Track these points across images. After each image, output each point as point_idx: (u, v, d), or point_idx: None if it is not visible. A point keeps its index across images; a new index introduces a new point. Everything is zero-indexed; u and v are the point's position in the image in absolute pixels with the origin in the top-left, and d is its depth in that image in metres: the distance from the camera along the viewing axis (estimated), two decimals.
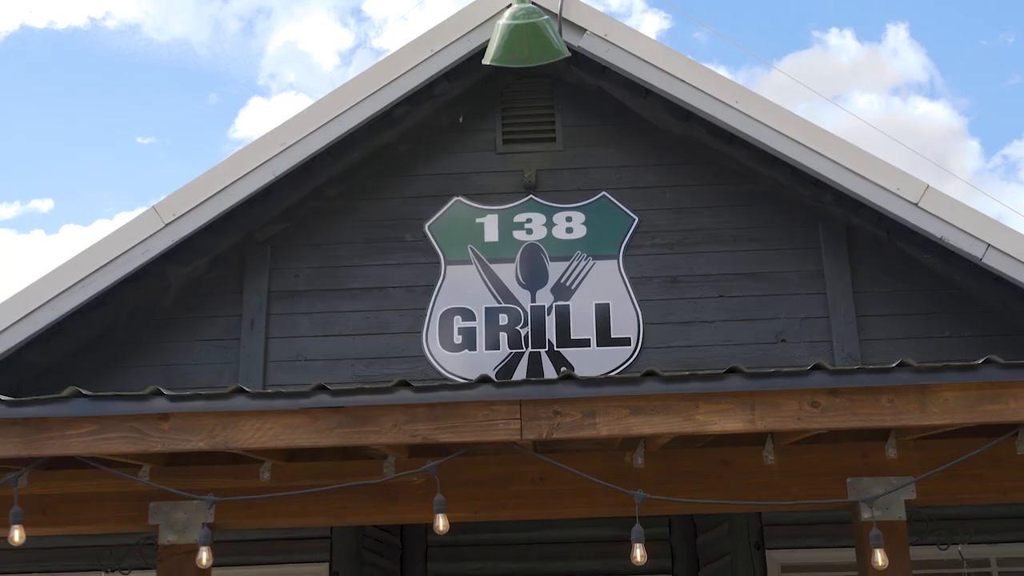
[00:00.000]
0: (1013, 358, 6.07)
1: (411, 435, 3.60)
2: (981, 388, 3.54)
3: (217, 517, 4.11)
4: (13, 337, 6.19)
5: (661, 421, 3.56)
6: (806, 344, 6.44)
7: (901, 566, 4.00)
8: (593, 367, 6.38)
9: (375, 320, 6.56)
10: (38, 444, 3.62)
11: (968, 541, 5.86)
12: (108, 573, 5.73)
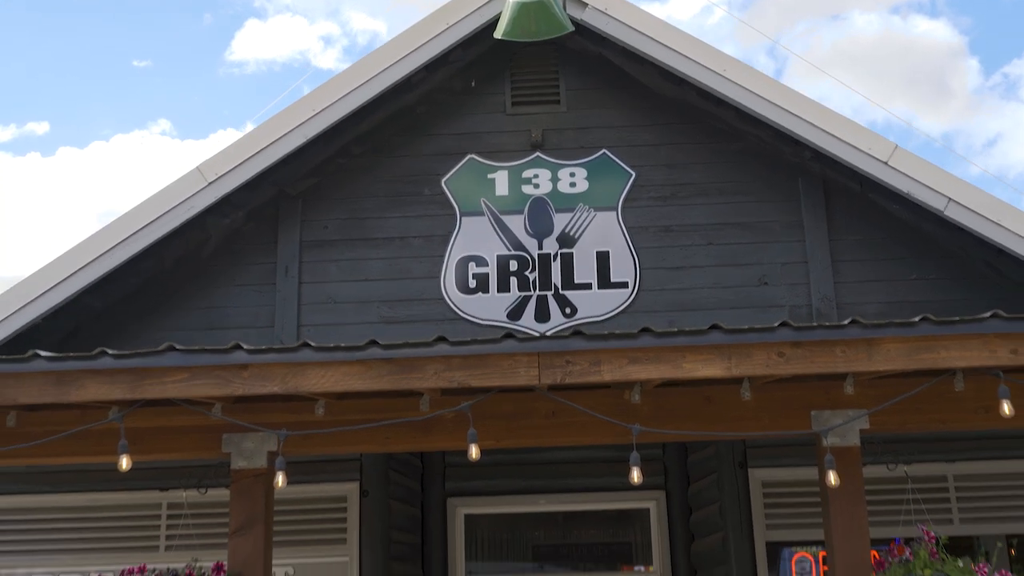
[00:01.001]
0: (972, 298, 6.94)
1: (448, 381, 4.41)
2: (918, 341, 4.34)
3: (280, 446, 4.92)
4: (73, 285, 6.96)
5: (654, 368, 4.37)
6: (786, 287, 7.23)
7: (854, 483, 4.84)
8: (595, 308, 7.19)
9: (397, 266, 7.32)
10: (140, 389, 4.43)
11: (915, 461, 6.73)
12: (187, 491, 6.58)
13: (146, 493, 7.06)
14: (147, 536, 7.09)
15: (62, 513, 7.15)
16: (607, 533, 8.10)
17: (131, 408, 4.54)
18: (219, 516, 6.52)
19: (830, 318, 7.04)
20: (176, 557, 6.54)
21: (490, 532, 7.98)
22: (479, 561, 7.88)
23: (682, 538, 7.70)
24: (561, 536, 8.05)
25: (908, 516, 5.98)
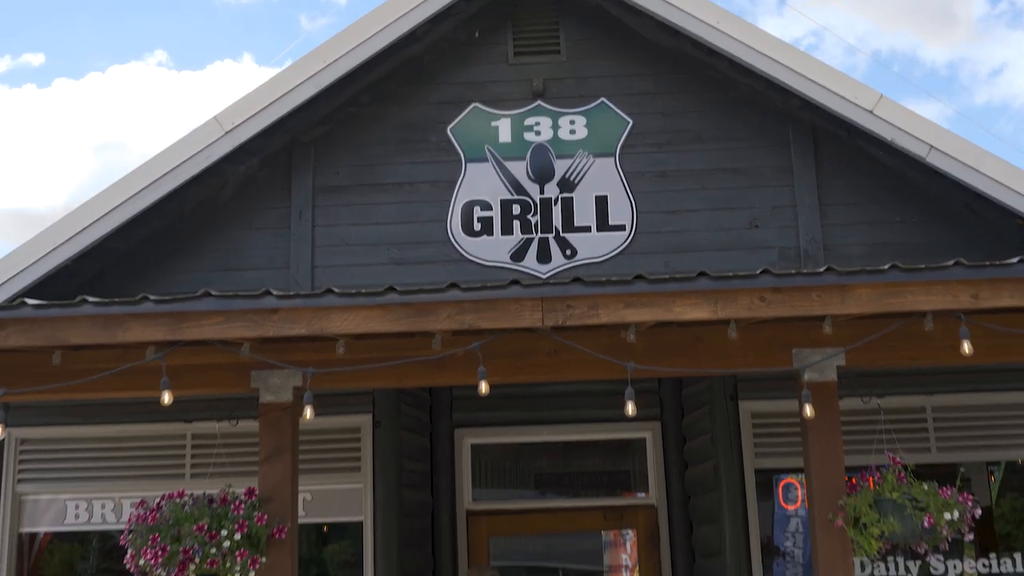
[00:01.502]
0: (953, 239, 7.40)
1: (460, 323, 4.89)
2: (887, 287, 4.81)
3: (304, 382, 5.41)
4: (99, 230, 7.42)
5: (647, 312, 4.85)
6: (776, 229, 7.69)
7: (831, 415, 5.35)
8: (594, 250, 7.66)
9: (406, 210, 7.77)
10: (180, 331, 4.91)
11: (896, 394, 7.25)
12: (220, 422, 7.11)
13: (172, 425, 7.57)
14: (173, 465, 7.63)
15: (93, 443, 7.67)
16: (606, 462, 8.65)
17: (171, 348, 5.02)
18: (242, 446, 7.06)
19: (817, 259, 7.51)
20: (200, 485, 7.01)
21: (495, 461, 8.53)
22: (484, 488, 8.43)
23: (676, 466, 8.24)
24: (562, 465, 8.61)
25: (884, 445, 6.49)
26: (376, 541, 7.42)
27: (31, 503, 7.68)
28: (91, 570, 8.38)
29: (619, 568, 8.52)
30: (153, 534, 5.10)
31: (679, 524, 8.13)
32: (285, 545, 5.28)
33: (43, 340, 4.92)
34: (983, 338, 5.02)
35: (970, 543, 7.51)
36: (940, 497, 5.10)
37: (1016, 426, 7.58)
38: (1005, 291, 4.79)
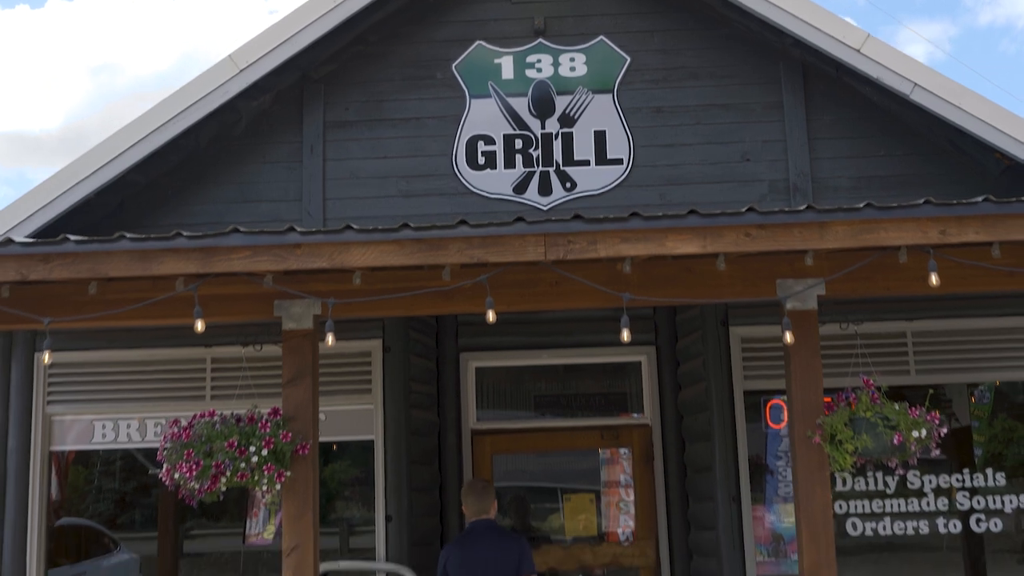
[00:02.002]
0: (936, 172, 7.84)
1: (469, 257, 5.35)
2: (862, 223, 5.26)
3: (323, 311, 5.87)
4: (121, 164, 7.86)
5: (642, 246, 5.30)
6: (767, 163, 8.12)
7: (811, 341, 5.83)
8: (593, 182, 8.10)
9: (413, 145, 8.19)
10: (210, 264, 5.36)
11: (878, 320, 7.74)
12: (245, 347, 7.60)
13: (192, 349, 8.07)
14: (194, 387, 8.15)
15: (117, 367, 8.17)
16: (603, 384, 9.17)
17: (201, 280, 5.48)
18: (261, 369, 7.57)
19: (806, 192, 7.96)
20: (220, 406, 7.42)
21: (498, 383, 9.05)
22: (488, 409, 8.96)
23: (670, 388, 8.76)
24: (562, 387, 9.13)
25: (864, 368, 7.00)
26: (386, 458, 7.98)
27: (60, 423, 8.21)
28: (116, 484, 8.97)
29: (616, 484, 9.06)
30: (187, 450, 5.60)
31: (672, 442, 8.68)
32: (307, 461, 5.79)
33: (85, 273, 5.37)
34: (951, 269, 5.49)
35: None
36: (910, 416, 5.60)
37: (993, 350, 8.09)
38: (971, 227, 5.24)
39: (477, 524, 6.75)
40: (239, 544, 8.57)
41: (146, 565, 8.94)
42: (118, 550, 9.05)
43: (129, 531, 9.04)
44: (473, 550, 6.62)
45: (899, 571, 8.02)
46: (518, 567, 6.57)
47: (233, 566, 8.68)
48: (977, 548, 8.09)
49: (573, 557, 8.89)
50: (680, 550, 8.52)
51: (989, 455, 8.22)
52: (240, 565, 8.65)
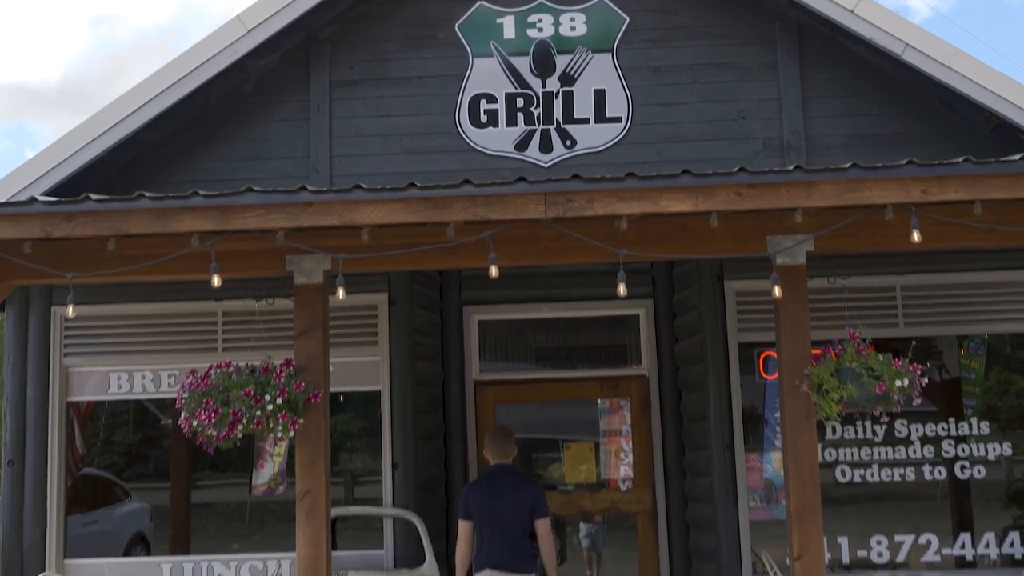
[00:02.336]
0: (926, 130, 8.10)
1: (472, 215, 5.64)
2: (847, 183, 5.54)
3: (332, 266, 6.18)
4: (134, 122, 8.13)
5: (637, 205, 5.59)
6: (762, 121, 8.38)
7: (800, 295, 6.13)
8: (592, 140, 8.38)
9: (417, 103, 8.45)
10: (226, 221, 5.65)
11: (868, 274, 8.05)
12: (258, 300, 7.91)
13: (203, 303, 8.38)
14: (206, 339, 8.48)
15: (131, 320, 8.48)
16: (602, 336, 9.50)
17: (218, 237, 5.78)
18: (271, 323, 7.92)
19: (799, 149, 8.22)
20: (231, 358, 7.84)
21: (500, 335, 9.38)
22: (491, 361, 9.29)
23: (667, 340, 9.08)
24: (562, 339, 9.47)
25: (854, 321, 7.32)
26: (393, 408, 8.32)
27: (77, 375, 8.54)
28: (127, 436, 9.33)
29: (615, 433, 9.41)
30: (205, 399, 5.93)
31: (669, 393, 9.01)
32: (319, 409, 6.12)
33: (107, 230, 5.67)
34: (933, 227, 5.77)
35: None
36: (893, 367, 5.91)
37: (981, 303, 8.41)
38: (951, 187, 5.53)
39: (497, 468, 7.30)
40: (245, 495, 8.94)
41: (156, 514, 9.33)
42: (129, 499, 9.44)
43: (140, 481, 9.42)
44: (494, 491, 7.16)
45: (889, 518, 8.38)
46: (533, 509, 7.10)
47: (239, 516, 9.06)
48: (963, 495, 8.45)
49: (573, 503, 9.26)
50: (676, 496, 8.88)
51: (985, 407, 8.54)
52: (246, 515, 9.03)
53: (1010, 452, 8.36)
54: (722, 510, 8.19)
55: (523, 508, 7.11)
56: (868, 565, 8.22)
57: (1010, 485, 8.47)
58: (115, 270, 6.03)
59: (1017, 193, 5.56)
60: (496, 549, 7.07)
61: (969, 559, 8.25)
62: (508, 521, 7.09)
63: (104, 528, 9.23)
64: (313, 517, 6.06)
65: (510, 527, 7.08)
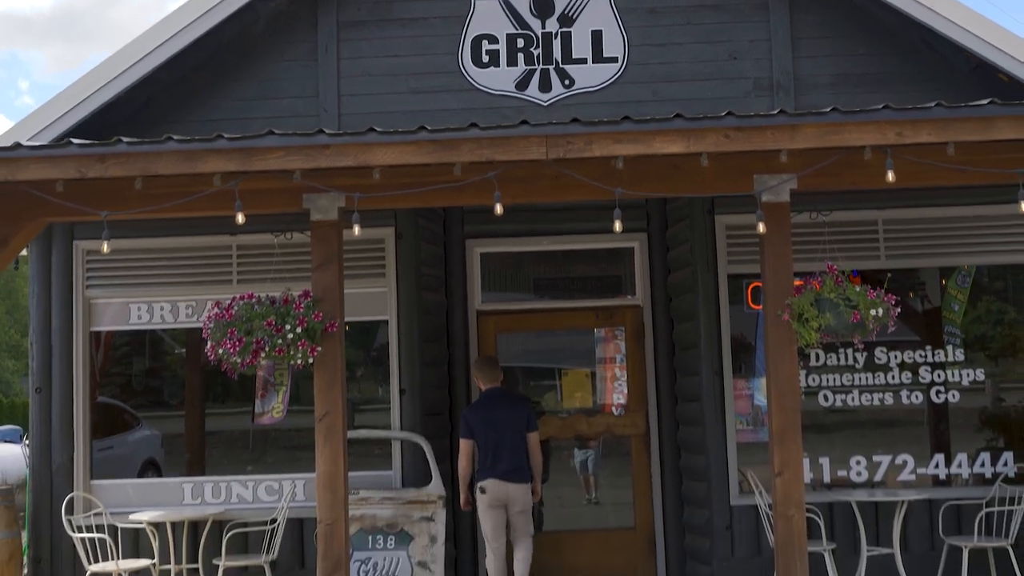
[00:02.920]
0: (909, 70, 8.53)
1: (478, 156, 6.10)
2: (828, 126, 5.99)
3: (347, 203, 6.64)
4: (149, 64, 8.52)
5: (632, 147, 6.04)
6: (752, 61, 8.79)
7: (783, 230, 6.60)
8: (590, 79, 8.79)
9: (421, 44, 8.85)
10: (248, 163, 6.11)
11: (851, 209, 8.54)
12: (276, 235, 8.38)
13: (219, 237, 8.87)
14: (222, 272, 8.98)
15: (150, 254, 8.97)
16: (598, 268, 10.00)
17: (240, 177, 6.24)
18: (284, 256, 8.40)
19: (788, 89, 8.65)
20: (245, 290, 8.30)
21: (501, 267, 9.87)
22: (492, 291, 9.79)
23: (660, 271, 9.57)
24: (561, 271, 9.96)
25: (836, 254, 7.82)
26: (400, 336, 8.86)
27: (98, 306, 9.05)
28: (142, 365, 9.85)
29: (610, 360, 9.94)
30: (230, 329, 6.42)
31: (661, 322, 9.53)
32: (336, 337, 6.62)
33: (137, 171, 6.13)
34: (908, 166, 6.23)
35: None
36: (868, 298, 6.40)
37: (959, 236, 8.92)
38: (924, 130, 5.99)
39: (492, 391, 8.37)
40: (248, 423, 9.49)
41: (165, 441, 9.87)
42: (140, 426, 9.98)
43: (150, 410, 9.96)
44: (493, 410, 8.25)
45: (868, 441, 8.95)
46: (527, 423, 8.24)
47: (243, 443, 9.62)
48: (940, 419, 9.01)
49: (570, 427, 9.81)
50: (668, 420, 9.44)
51: (973, 336, 9.07)
52: (249, 442, 9.59)
53: (983, 378, 8.91)
54: (711, 433, 8.76)
55: (520, 422, 8.24)
56: (848, 484, 8.81)
57: (984, 409, 9.03)
58: (144, 208, 6.49)
59: (986, 135, 6.02)
60: (501, 460, 8.10)
61: (943, 478, 8.85)
62: (508, 436, 8.15)
63: (118, 454, 9.76)
64: (331, 437, 6.59)
65: (510, 441, 8.16)
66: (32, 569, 8.83)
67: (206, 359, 8.80)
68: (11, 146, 6.23)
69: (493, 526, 8.18)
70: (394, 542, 8.32)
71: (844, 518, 8.53)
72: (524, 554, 8.23)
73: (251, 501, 8.86)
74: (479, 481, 8.15)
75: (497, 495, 8.12)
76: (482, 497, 8.18)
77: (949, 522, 8.51)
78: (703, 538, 8.88)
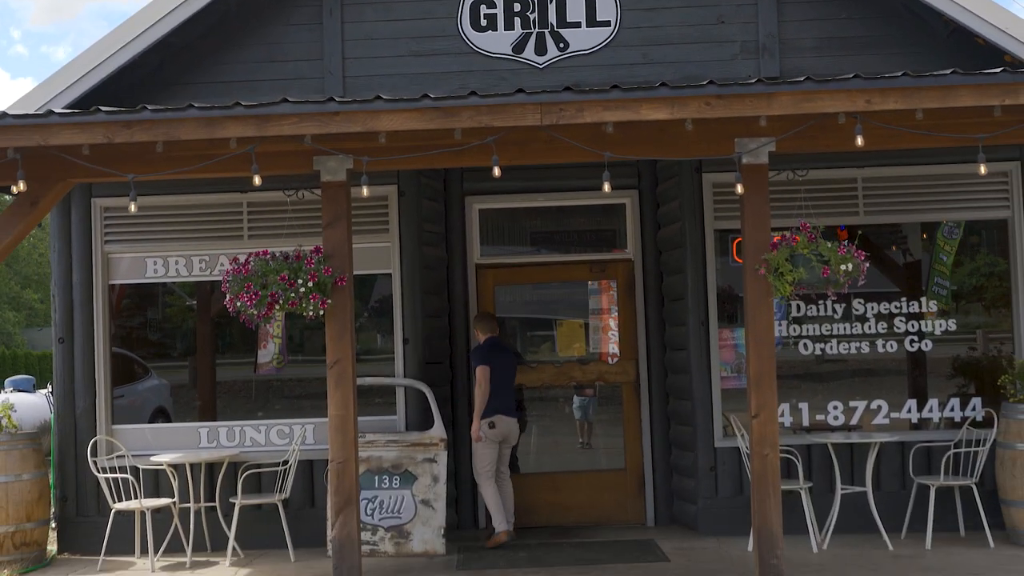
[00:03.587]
0: (892, 33, 9.12)
1: (478, 122, 6.64)
2: (802, 94, 6.52)
3: (355, 165, 7.18)
4: (162, 29, 9.02)
5: (620, 113, 6.58)
6: (739, 25, 9.30)
7: (762, 190, 7.16)
8: (584, 43, 9.31)
9: (422, 8, 9.36)
10: (264, 128, 6.64)
11: (833, 167, 9.09)
12: (288, 193, 8.94)
13: (230, 195, 9.43)
14: (233, 228, 9.54)
15: (165, 211, 9.53)
16: (592, 223, 10.57)
17: (257, 142, 6.78)
18: (293, 213, 8.94)
19: (773, 52, 9.17)
20: (255, 245, 8.94)
21: (499, 222, 10.44)
22: (490, 245, 10.36)
23: (650, 227, 10.14)
24: (556, 225, 10.53)
25: (810, 212, 8.40)
26: (403, 288, 9.46)
27: (116, 260, 9.63)
28: (153, 317, 10.43)
29: (603, 311, 10.53)
30: (247, 283, 6.98)
31: (652, 275, 10.12)
32: (345, 291, 7.20)
33: (161, 136, 6.68)
34: (878, 131, 6.79)
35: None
36: (839, 253, 6.97)
37: (934, 193, 9.49)
38: (891, 97, 6.52)
39: (494, 339, 9.46)
40: (250, 373, 10.09)
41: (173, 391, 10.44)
42: (149, 376, 10.57)
43: (158, 360, 10.53)
44: (502, 354, 9.49)
45: (846, 388, 9.57)
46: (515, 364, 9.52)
47: (245, 393, 10.22)
48: (914, 367, 9.62)
49: (565, 374, 10.42)
50: (657, 368, 10.06)
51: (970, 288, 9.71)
52: (252, 392, 10.19)
53: (955, 328, 9.51)
54: (697, 380, 9.38)
55: (515, 365, 9.58)
56: (825, 427, 9.44)
57: (956, 358, 9.64)
58: (166, 171, 7.04)
59: (948, 103, 6.55)
60: (509, 398, 9.38)
61: (915, 422, 9.48)
62: (511, 377, 9.41)
63: (130, 402, 10.35)
64: (342, 383, 7.19)
65: (512, 381, 9.49)
66: (59, 507, 9.48)
67: (216, 311, 9.51)
68: (44, 113, 6.78)
69: (492, 460, 9.25)
70: (399, 482, 8.95)
71: (821, 459, 9.17)
72: (511, 490, 9.48)
73: (263, 444, 9.49)
74: (489, 416, 9.20)
75: (503, 430, 9.27)
76: (492, 432, 9.21)
77: (919, 463, 9.15)
78: (689, 479, 9.53)
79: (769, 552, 7.07)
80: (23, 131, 6.64)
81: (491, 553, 8.96)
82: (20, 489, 8.90)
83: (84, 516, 9.45)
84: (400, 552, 8.85)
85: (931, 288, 9.63)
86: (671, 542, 9.16)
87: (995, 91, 6.49)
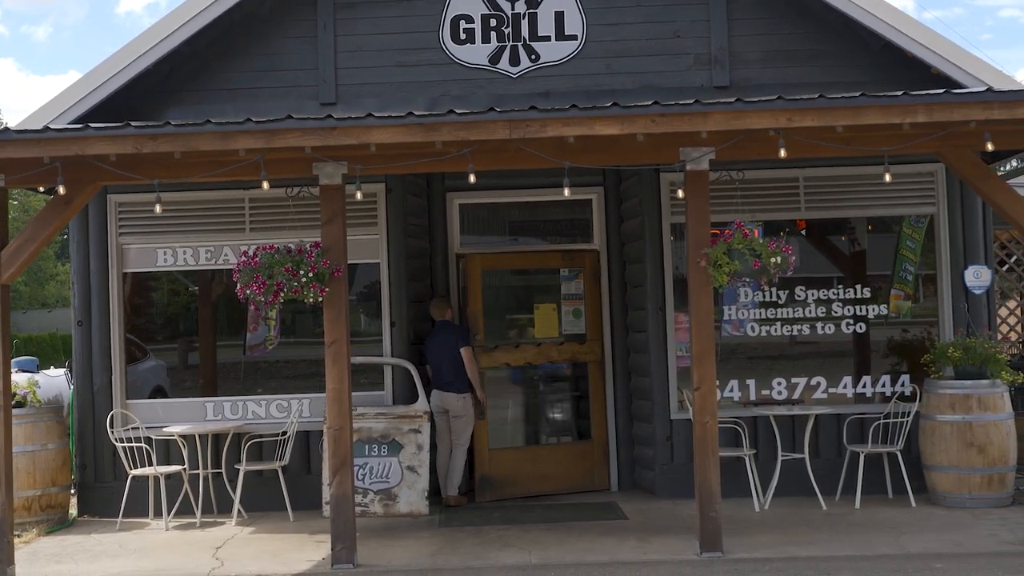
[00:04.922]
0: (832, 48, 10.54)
1: (456, 136, 7.93)
2: (734, 113, 7.82)
3: (349, 171, 8.47)
4: (175, 40, 10.30)
5: (578, 129, 7.87)
6: (693, 39, 10.61)
7: (703, 193, 8.48)
8: (553, 54, 10.61)
9: (407, 23, 10.65)
10: (271, 141, 7.92)
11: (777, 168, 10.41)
12: (289, 191, 10.22)
13: (234, 192, 10.71)
14: (236, 222, 10.83)
15: (174, 206, 10.72)
16: (562, 215, 11.89)
17: (265, 152, 8.07)
18: (293, 210, 10.25)
19: (723, 64, 10.49)
20: (257, 238, 10.25)
21: (478, 215, 11.77)
22: (469, 235, 11.67)
23: (615, 220, 11.48)
24: (529, 218, 11.86)
25: (750, 209, 9.75)
26: (390, 276, 10.78)
27: (129, 251, 10.92)
28: (157, 302, 11.70)
29: (573, 297, 11.82)
30: (256, 274, 8.28)
31: (615, 264, 11.48)
32: (341, 280, 8.50)
33: (181, 147, 7.96)
34: (797, 144, 8.10)
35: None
36: (769, 248, 8.29)
37: (870, 192, 10.81)
38: (808, 116, 7.84)
39: (438, 323, 10.83)
40: (240, 355, 11.39)
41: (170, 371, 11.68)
42: (146, 358, 11.82)
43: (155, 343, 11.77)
44: (432, 339, 10.89)
45: (789, 366, 10.92)
46: (456, 343, 10.78)
47: (235, 374, 11.50)
48: (863, 348, 10.97)
49: (543, 354, 11.67)
50: (620, 348, 11.42)
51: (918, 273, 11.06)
52: (241, 373, 11.48)
53: (886, 312, 10.88)
54: (655, 359, 10.76)
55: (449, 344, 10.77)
56: (770, 401, 10.80)
57: (890, 339, 11.01)
58: (186, 178, 8.37)
59: (857, 120, 7.88)
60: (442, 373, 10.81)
61: (850, 396, 10.85)
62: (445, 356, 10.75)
63: (131, 381, 11.55)
64: (338, 360, 8.51)
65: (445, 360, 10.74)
66: (79, 474, 10.81)
67: (217, 296, 10.82)
68: (81, 127, 8.07)
69: (439, 430, 10.72)
70: (386, 450, 10.28)
71: (765, 429, 10.53)
72: (460, 462, 10.77)
73: (264, 417, 10.82)
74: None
75: (435, 402, 10.72)
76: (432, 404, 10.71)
77: (853, 433, 10.53)
78: (648, 448, 10.90)
79: (708, 506, 8.42)
80: (64, 143, 7.92)
81: (469, 512, 10.34)
82: (46, 457, 10.22)
83: (102, 482, 10.78)
84: (388, 513, 10.19)
85: (898, 273, 10.98)
86: (631, 504, 10.54)
87: (896, 111, 7.82)
